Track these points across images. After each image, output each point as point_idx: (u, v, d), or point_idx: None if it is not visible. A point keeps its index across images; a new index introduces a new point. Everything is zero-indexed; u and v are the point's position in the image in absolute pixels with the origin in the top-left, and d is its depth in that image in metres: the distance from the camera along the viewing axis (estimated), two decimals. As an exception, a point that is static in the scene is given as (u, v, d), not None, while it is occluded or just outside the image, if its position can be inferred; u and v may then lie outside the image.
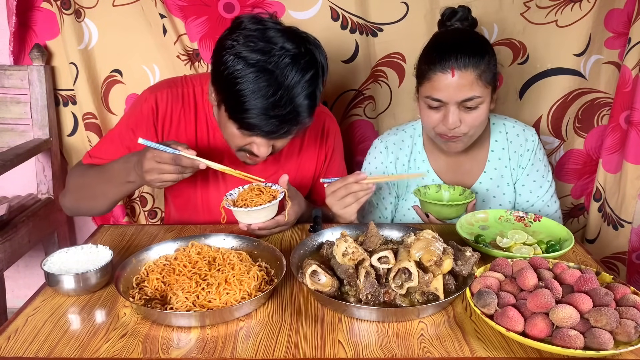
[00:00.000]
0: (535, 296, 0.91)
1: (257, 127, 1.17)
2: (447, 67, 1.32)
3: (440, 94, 1.34)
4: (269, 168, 1.45)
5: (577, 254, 1.27)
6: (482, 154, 1.54)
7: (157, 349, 0.90)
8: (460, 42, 1.37)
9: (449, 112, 1.35)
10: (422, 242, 1.05)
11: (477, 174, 1.55)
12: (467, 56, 1.31)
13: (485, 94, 1.36)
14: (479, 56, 1.32)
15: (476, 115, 1.37)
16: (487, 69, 1.34)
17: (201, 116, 1.40)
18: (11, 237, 1.66)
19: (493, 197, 1.55)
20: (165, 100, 1.38)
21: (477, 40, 1.39)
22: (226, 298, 1.00)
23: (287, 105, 1.14)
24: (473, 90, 1.33)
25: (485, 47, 1.37)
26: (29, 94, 1.83)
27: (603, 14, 1.74)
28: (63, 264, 1.10)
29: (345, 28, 1.76)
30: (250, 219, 1.26)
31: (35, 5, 1.79)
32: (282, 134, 1.20)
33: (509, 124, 1.55)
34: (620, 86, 1.76)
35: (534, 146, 1.53)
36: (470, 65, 1.31)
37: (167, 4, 1.73)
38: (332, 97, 1.86)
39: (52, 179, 1.91)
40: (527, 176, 1.54)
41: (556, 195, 1.57)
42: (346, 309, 0.99)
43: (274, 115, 1.14)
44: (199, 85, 1.41)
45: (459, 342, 0.92)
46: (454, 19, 1.44)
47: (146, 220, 2.00)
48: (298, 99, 1.15)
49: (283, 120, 1.16)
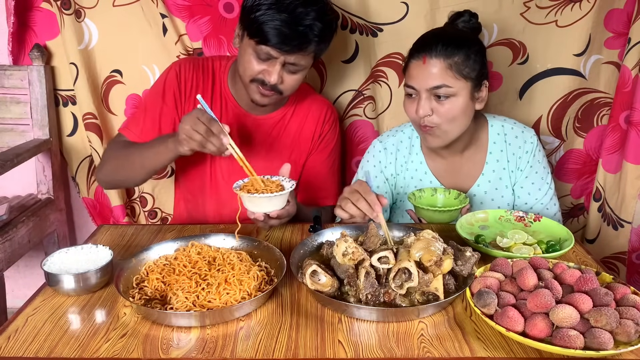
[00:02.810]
0: (535, 296, 0.91)
1: (272, 37, 1.31)
2: (420, 55, 1.37)
3: (412, 81, 1.39)
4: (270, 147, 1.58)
5: (577, 254, 1.27)
6: (479, 155, 1.54)
7: (157, 349, 0.90)
8: (438, 34, 1.42)
9: (421, 99, 1.38)
10: (422, 242, 1.06)
11: (475, 176, 1.54)
12: (440, 45, 1.35)
13: (458, 86, 1.36)
14: (453, 47, 1.35)
15: (449, 107, 1.37)
16: (463, 62, 1.35)
17: (217, 86, 1.56)
18: (11, 237, 1.66)
19: (491, 199, 1.54)
20: (187, 68, 1.54)
21: (459, 35, 1.41)
22: (226, 298, 1.00)
23: (301, 22, 1.32)
24: (443, 79, 1.35)
25: (467, 42, 1.38)
26: (29, 94, 1.83)
27: (603, 14, 1.74)
28: (63, 264, 1.10)
29: (345, 28, 1.76)
30: (270, 206, 1.24)
31: (35, 5, 1.79)
32: (293, 48, 1.33)
33: (507, 125, 1.54)
34: (620, 86, 1.76)
35: (532, 148, 1.52)
36: (441, 54, 1.35)
37: (167, 4, 1.73)
38: (332, 97, 1.86)
39: (52, 179, 1.91)
40: (526, 179, 1.53)
41: (556, 197, 1.57)
42: (346, 309, 0.99)
43: (288, 27, 1.30)
44: (218, 60, 1.58)
45: (459, 342, 0.92)
46: (458, 21, 1.46)
47: (146, 221, 2.00)
48: (308, 19, 1.32)
49: (295, 34, 1.32)
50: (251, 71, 1.39)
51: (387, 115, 1.87)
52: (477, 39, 1.45)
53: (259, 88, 1.41)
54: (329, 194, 1.67)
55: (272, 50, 1.33)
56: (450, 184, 1.55)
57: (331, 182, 1.68)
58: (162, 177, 1.95)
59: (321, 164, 1.64)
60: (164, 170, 1.93)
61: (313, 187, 1.65)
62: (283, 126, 1.59)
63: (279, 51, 1.33)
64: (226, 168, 1.57)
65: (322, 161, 1.64)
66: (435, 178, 1.55)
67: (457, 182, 1.55)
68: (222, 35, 1.77)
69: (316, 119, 1.61)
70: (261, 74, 1.38)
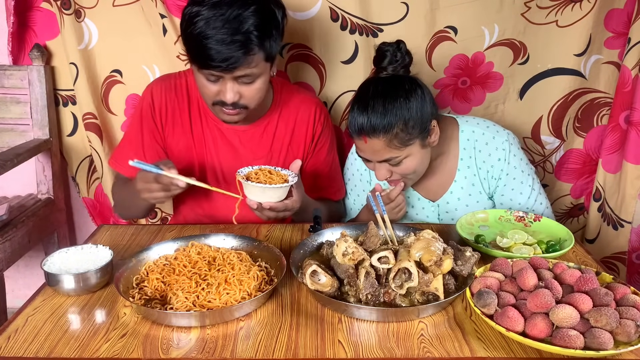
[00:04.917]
0: (535, 296, 0.91)
1: (214, 58, 1.24)
2: (360, 136, 1.35)
3: (362, 153, 1.41)
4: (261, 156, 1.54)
5: (577, 254, 1.27)
6: (451, 163, 1.51)
7: (157, 349, 0.90)
8: (369, 117, 1.32)
9: (375, 165, 1.40)
10: (422, 242, 1.06)
11: (448, 183, 1.52)
12: (375, 128, 1.31)
13: (406, 151, 1.35)
14: (387, 127, 1.30)
15: (405, 166, 1.38)
16: (403, 131, 1.32)
17: (194, 103, 1.51)
18: (11, 237, 1.66)
19: (466, 205, 1.51)
20: (159, 92, 1.50)
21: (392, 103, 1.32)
22: (226, 298, 1.00)
23: (234, 34, 1.23)
24: (389, 152, 1.35)
25: (401, 108, 1.31)
26: (29, 94, 1.83)
27: (603, 14, 1.74)
28: (63, 264, 1.10)
29: (345, 29, 1.76)
30: (264, 196, 1.23)
31: (35, 5, 1.79)
32: (234, 63, 1.25)
33: (478, 130, 1.48)
34: (620, 86, 1.76)
35: (505, 155, 1.46)
36: (380, 133, 1.32)
37: (167, 4, 1.73)
38: (332, 97, 1.86)
39: (52, 179, 1.91)
40: (504, 186, 1.49)
41: (542, 196, 1.51)
42: (346, 309, 0.99)
43: (221, 43, 1.23)
44: (191, 75, 1.50)
45: (459, 342, 0.92)
46: (384, 64, 1.38)
47: (146, 221, 2.00)
48: (243, 27, 1.24)
49: (231, 49, 1.23)
50: (207, 96, 1.35)
51: (387, 115, 1.87)
52: (412, 87, 1.34)
53: (222, 109, 1.37)
54: (339, 187, 1.68)
55: (215, 72, 1.28)
56: (424, 190, 1.55)
57: (337, 175, 1.67)
58: (162, 177, 1.95)
59: (322, 163, 1.63)
60: None
61: (322, 185, 1.64)
62: (271, 132, 1.54)
63: (222, 71, 1.27)
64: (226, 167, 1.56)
65: (323, 160, 1.63)
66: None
67: (430, 188, 1.54)
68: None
69: (306, 121, 1.56)
70: (218, 96, 1.33)
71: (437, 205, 1.54)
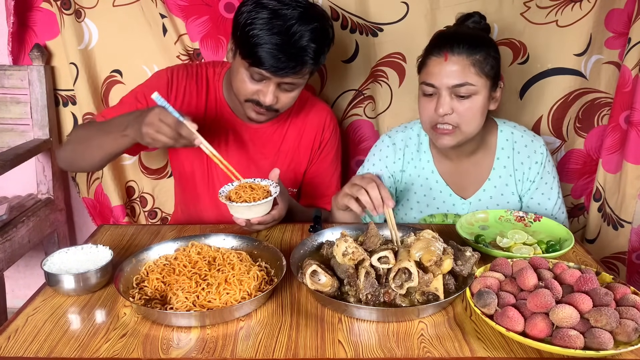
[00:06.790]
0: (535, 296, 0.91)
1: (266, 60, 1.27)
2: (441, 52, 1.35)
3: (432, 79, 1.37)
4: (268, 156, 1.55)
5: (577, 254, 1.27)
6: (487, 160, 1.52)
7: (157, 349, 0.90)
8: (459, 32, 1.41)
9: (441, 97, 1.36)
10: (422, 242, 1.06)
11: (481, 180, 1.52)
12: (462, 43, 1.34)
13: (480, 84, 1.35)
14: (475, 46, 1.34)
15: (469, 105, 1.36)
16: (484, 60, 1.35)
17: (212, 94, 1.52)
18: (11, 237, 1.66)
19: (497, 204, 1.52)
20: (180, 75, 1.50)
21: (477, 34, 1.40)
22: (226, 298, 1.00)
23: (295, 44, 1.28)
24: (466, 76, 1.34)
25: (485, 41, 1.38)
26: (29, 94, 1.83)
27: (603, 14, 1.74)
28: (63, 264, 1.10)
29: (345, 28, 1.76)
30: (251, 213, 1.25)
31: (35, 5, 1.78)
32: (287, 71, 1.29)
33: (517, 133, 1.51)
34: (620, 86, 1.76)
35: (542, 159, 1.49)
36: (464, 52, 1.34)
37: (167, 4, 1.73)
38: (332, 97, 1.86)
39: (52, 179, 1.91)
40: (536, 190, 1.50)
41: (563, 205, 1.54)
42: (346, 309, 0.99)
43: (282, 50, 1.26)
44: (212, 67, 1.53)
45: (459, 342, 0.92)
46: (468, 22, 1.46)
47: (146, 221, 2.00)
48: (303, 40, 1.28)
49: (289, 57, 1.28)
50: (245, 91, 1.37)
51: (387, 115, 1.87)
52: (490, 38, 1.44)
53: (254, 107, 1.39)
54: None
55: (265, 73, 1.30)
56: (457, 186, 1.54)
57: (335, 188, 1.67)
58: (162, 177, 1.95)
59: (324, 171, 1.63)
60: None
61: (317, 193, 1.64)
62: (281, 135, 1.56)
63: (273, 74, 1.30)
64: (222, 171, 1.55)
65: (325, 169, 1.63)
66: (442, 179, 1.54)
67: (463, 184, 1.54)
68: (222, 36, 1.77)
69: (315, 127, 1.58)
70: (256, 95, 1.36)
71: (468, 203, 1.53)
